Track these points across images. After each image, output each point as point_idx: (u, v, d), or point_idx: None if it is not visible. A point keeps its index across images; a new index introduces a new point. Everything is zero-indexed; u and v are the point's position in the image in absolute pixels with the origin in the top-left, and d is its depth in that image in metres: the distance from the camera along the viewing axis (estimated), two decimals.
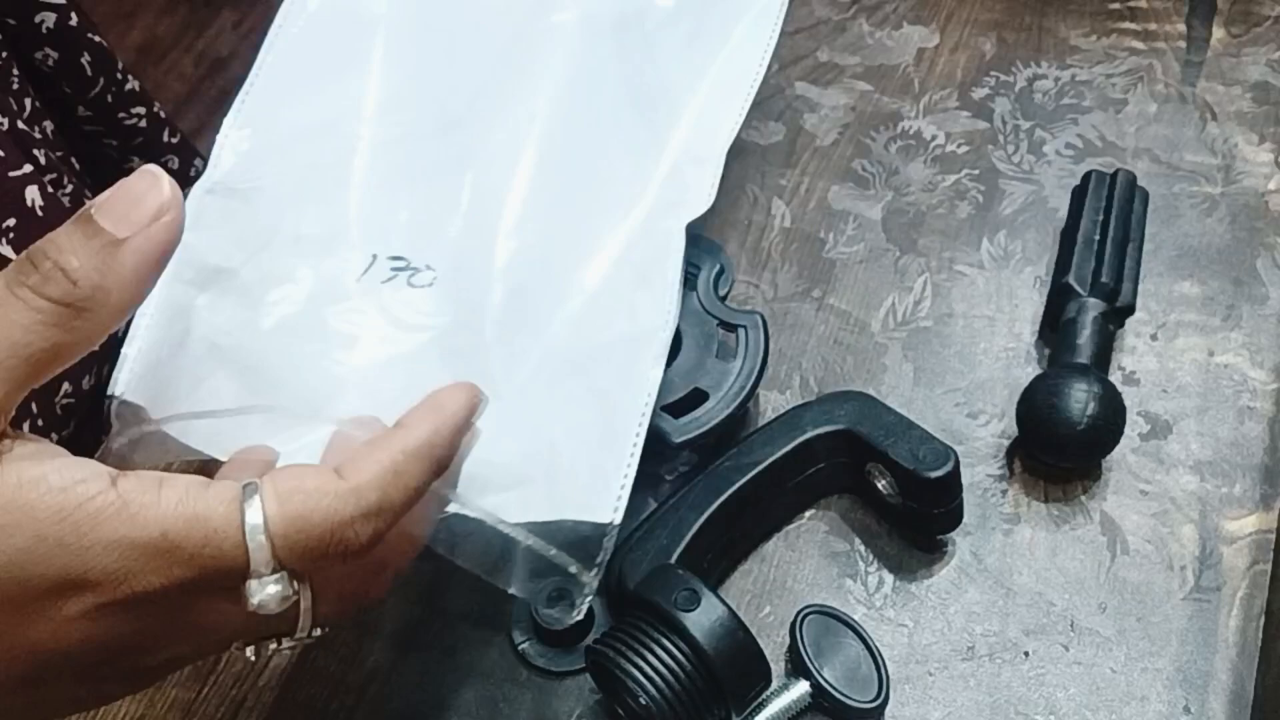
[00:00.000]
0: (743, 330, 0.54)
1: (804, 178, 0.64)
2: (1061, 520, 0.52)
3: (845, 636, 0.48)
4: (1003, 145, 0.64)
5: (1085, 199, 0.58)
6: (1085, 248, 0.56)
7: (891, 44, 0.69)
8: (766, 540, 0.52)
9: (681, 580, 0.45)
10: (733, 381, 0.52)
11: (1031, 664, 0.49)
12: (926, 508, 0.49)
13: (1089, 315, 0.54)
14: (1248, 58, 0.67)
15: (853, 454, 0.51)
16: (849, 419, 0.51)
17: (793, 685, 0.47)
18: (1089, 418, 0.50)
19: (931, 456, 0.48)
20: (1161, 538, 0.52)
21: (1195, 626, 0.49)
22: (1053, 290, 0.57)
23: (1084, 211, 0.58)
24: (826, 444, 0.51)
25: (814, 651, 0.47)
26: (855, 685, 0.47)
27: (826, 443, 0.51)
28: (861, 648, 0.48)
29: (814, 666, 0.47)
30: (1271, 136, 0.64)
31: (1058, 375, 0.52)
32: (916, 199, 0.63)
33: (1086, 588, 0.50)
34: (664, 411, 0.52)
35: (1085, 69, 0.67)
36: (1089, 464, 0.53)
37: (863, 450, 0.50)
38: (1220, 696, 0.48)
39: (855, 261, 0.61)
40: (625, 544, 0.49)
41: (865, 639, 0.48)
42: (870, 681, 0.47)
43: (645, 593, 0.45)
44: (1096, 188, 0.58)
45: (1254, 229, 0.60)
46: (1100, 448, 0.52)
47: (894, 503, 0.50)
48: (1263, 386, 0.55)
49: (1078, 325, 0.54)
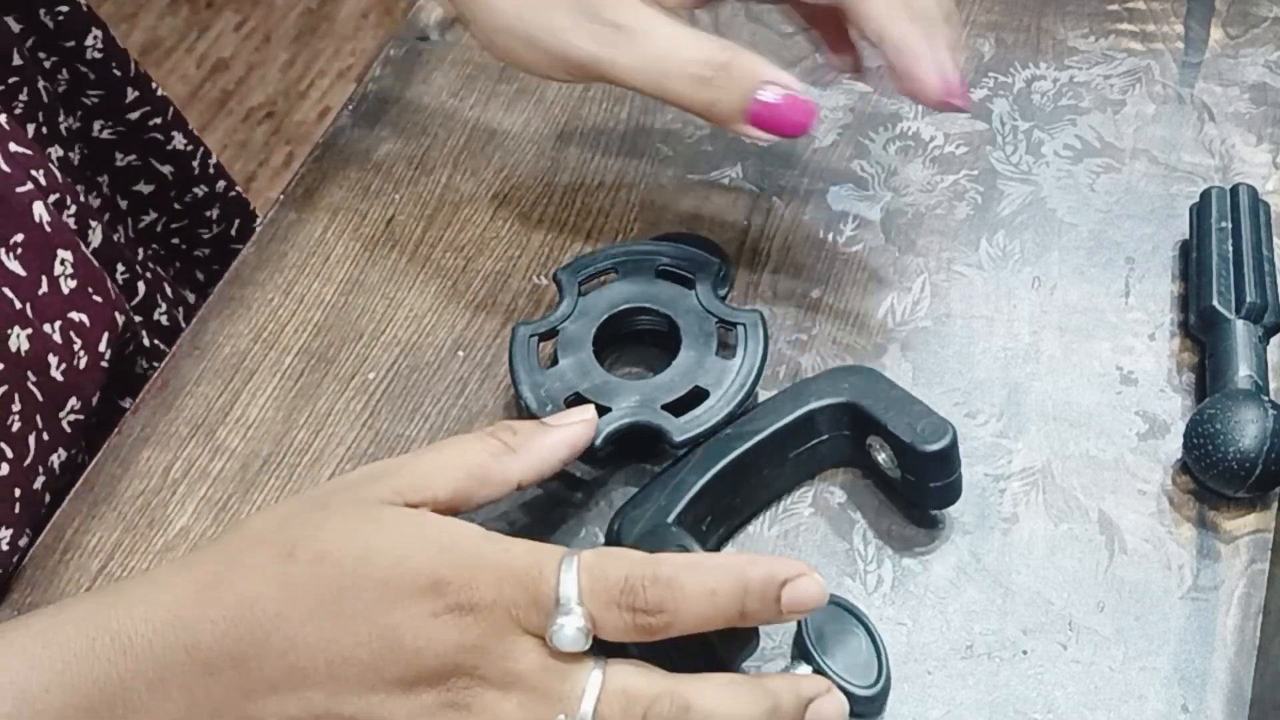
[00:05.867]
0: (742, 328, 0.54)
1: (803, 178, 0.64)
2: (1060, 519, 0.52)
3: (849, 624, 0.48)
4: (1001, 146, 0.65)
5: (1209, 217, 0.57)
6: (1223, 266, 0.55)
7: None
8: (766, 509, 0.53)
9: (675, 537, 0.46)
10: (733, 379, 0.53)
11: (1030, 663, 0.49)
12: (924, 481, 0.50)
13: (1251, 338, 0.53)
14: (1245, 59, 0.67)
15: (855, 427, 0.52)
16: (852, 392, 0.51)
17: (794, 669, 0.47)
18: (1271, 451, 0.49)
19: (930, 430, 0.49)
20: (1160, 537, 0.52)
21: (1193, 625, 0.49)
22: (1196, 315, 0.55)
23: (1210, 231, 0.56)
24: (829, 416, 0.52)
25: (817, 637, 0.48)
26: (856, 672, 0.47)
27: (829, 415, 0.52)
28: (865, 637, 0.48)
29: (816, 652, 0.47)
30: (1269, 137, 0.64)
31: (1233, 404, 0.50)
32: (915, 199, 0.63)
33: (1085, 587, 0.51)
34: (664, 410, 0.52)
35: (1083, 70, 0.67)
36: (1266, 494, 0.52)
37: (865, 423, 0.51)
38: (1218, 695, 0.48)
39: (854, 262, 0.61)
40: (626, 502, 0.50)
41: (869, 628, 0.48)
42: (871, 669, 0.48)
43: (641, 549, 0.46)
44: (1219, 204, 0.57)
45: None
46: None
47: (893, 476, 0.51)
48: None
49: (1236, 349, 0.52)
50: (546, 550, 0.42)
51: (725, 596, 0.41)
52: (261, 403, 0.58)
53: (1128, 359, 0.57)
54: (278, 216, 0.64)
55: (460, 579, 0.41)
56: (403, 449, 0.56)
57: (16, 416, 0.54)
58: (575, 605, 0.40)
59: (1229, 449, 0.50)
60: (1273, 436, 0.50)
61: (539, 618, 0.41)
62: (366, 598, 0.41)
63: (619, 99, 0.68)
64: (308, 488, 0.55)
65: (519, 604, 0.41)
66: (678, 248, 0.57)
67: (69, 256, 0.58)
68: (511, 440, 0.46)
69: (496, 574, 0.41)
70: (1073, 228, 0.61)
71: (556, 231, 0.63)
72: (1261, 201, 0.58)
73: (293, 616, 0.41)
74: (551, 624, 0.40)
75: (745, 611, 0.41)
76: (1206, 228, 0.57)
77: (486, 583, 0.41)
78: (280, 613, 0.41)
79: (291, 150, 1.85)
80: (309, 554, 0.42)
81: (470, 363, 0.59)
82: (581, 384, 0.53)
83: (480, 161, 0.66)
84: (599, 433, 0.51)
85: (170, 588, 0.42)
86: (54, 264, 0.58)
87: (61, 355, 0.56)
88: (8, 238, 0.56)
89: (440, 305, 0.61)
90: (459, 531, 0.43)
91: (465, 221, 0.64)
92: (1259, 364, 0.53)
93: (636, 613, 0.41)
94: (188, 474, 0.56)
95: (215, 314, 0.61)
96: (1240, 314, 0.54)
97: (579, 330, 0.55)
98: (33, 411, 0.55)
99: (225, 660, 0.41)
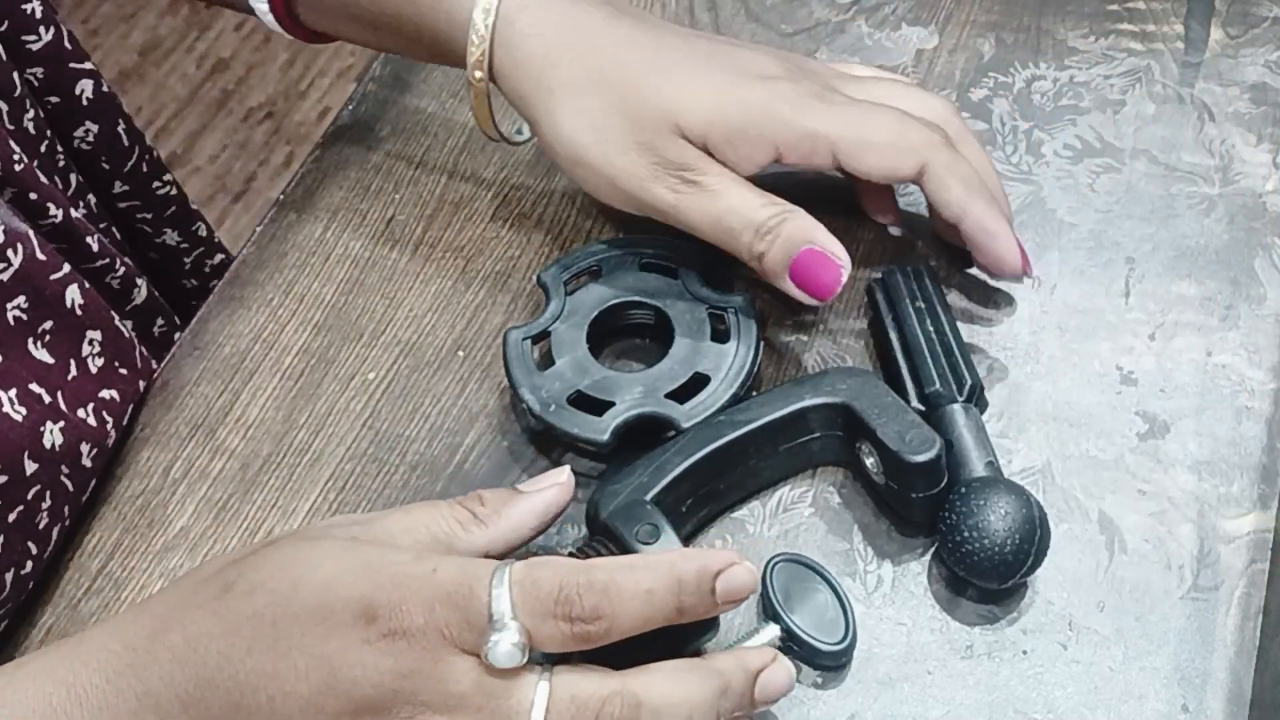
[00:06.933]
0: (733, 311, 0.55)
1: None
2: (1059, 519, 0.52)
3: (814, 583, 0.49)
4: (1001, 146, 0.65)
5: (902, 300, 0.55)
6: (932, 349, 0.54)
7: (890, 45, 0.69)
8: (749, 500, 0.53)
9: (647, 515, 0.47)
10: (732, 362, 0.53)
11: (1030, 663, 0.49)
12: (907, 491, 0.50)
13: (974, 422, 0.52)
14: (1245, 59, 0.67)
15: (847, 429, 0.52)
16: (847, 394, 0.52)
17: (762, 629, 0.48)
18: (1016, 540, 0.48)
19: (918, 441, 0.49)
20: (1159, 537, 0.52)
21: (1193, 625, 0.49)
22: (917, 398, 0.53)
23: (908, 313, 0.55)
24: (823, 415, 0.52)
25: (783, 597, 0.49)
26: (823, 628, 0.48)
27: (823, 414, 0.52)
28: (830, 593, 0.49)
29: (783, 611, 0.48)
30: (1269, 137, 0.64)
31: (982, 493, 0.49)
32: (916, 199, 0.63)
33: (1085, 587, 0.51)
34: (668, 399, 0.52)
35: (1083, 70, 0.67)
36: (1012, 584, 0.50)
37: (855, 426, 0.51)
38: (1218, 695, 0.48)
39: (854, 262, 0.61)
40: (608, 476, 0.50)
41: (834, 585, 0.49)
42: (838, 625, 0.48)
43: (612, 521, 0.47)
44: (907, 285, 0.56)
45: (1252, 229, 0.61)
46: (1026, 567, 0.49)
47: (879, 482, 0.51)
48: (1261, 386, 0.56)
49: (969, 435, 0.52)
50: (476, 566, 0.42)
51: (661, 595, 0.41)
52: (261, 403, 0.58)
53: (1128, 359, 0.57)
54: (278, 216, 0.64)
55: (390, 602, 0.40)
56: (403, 449, 0.56)
57: (45, 513, 0.53)
58: (509, 621, 0.40)
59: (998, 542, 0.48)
60: (1041, 522, 0.49)
61: (473, 636, 0.40)
62: (300, 628, 0.41)
63: None
64: (307, 488, 0.55)
65: (451, 624, 0.40)
66: (658, 239, 0.58)
67: (98, 335, 0.57)
68: (480, 511, 0.46)
69: (426, 595, 0.40)
70: (1073, 228, 0.61)
71: (556, 231, 0.63)
72: (929, 269, 0.57)
73: (234, 654, 0.41)
74: (486, 642, 0.40)
75: (682, 607, 0.41)
76: (904, 310, 0.55)
77: (416, 605, 0.40)
78: (223, 650, 0.41)
79: (291, 150, 1.85)
80: (246, 585, 0.42)
81: (470, 363, 0.59)
82: (581, 382, 0.53)
83: (480, 161, 0.66)
84: (606, 428, 0.51)
85: (123, 634, 0.43)
86: (83, 345, 0.56)
87: (93, 439, 0.55)
88: (37, 327, 0.55)
89: (440, 305, 0.61)
90: (388, 555, 0.42)
91: (465, 221, 0.64)
92: (989, 445, 0.52)
93: (574, 622, 0.40)
94: (188, 474, 0.56)
95: (215, 314, 0.61)
96: (963, 397, 0.52)
97: (571, 329, 0.55)
98: (62, 504, 0.53)
99: (175, 704, 0.41)
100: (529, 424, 0.56)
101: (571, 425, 0.52)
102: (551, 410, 0.52)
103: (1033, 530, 0.48)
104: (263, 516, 0.54)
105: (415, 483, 0.55)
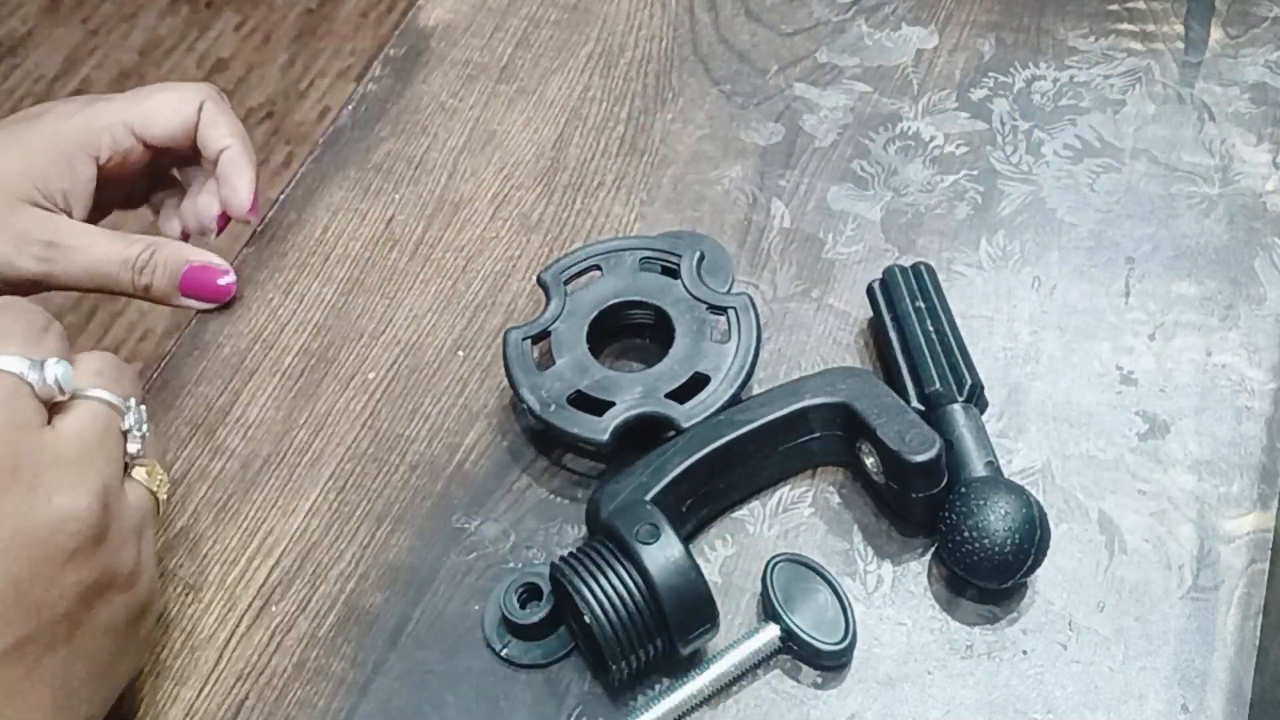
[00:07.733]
0: (733, 311, 0.55)
1: (803, 178, 0.64)
2: (1060, 519, 0.52)
3: (814, 583, 0.49)
4: (1001, 146, 0.65)
5: (903, 299, 0.55)
6: (933, 349, 0.54)
7: (890, 45, 0.69)
8: (749, 500, 0.53)
9: (648, 515, 0.47)
10: (731, 361, 0.53)
11: (1030, 662, 0.49)
12: (906, 491, 0.50)
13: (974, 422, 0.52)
14: (1245, 58, 0.67)
15: (847, 428, 0.52)
16: (848, 393, 0.52)
17: (763, 629, 0.48)
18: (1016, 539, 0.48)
19: (917, 441, 0.49)
20: (1159, 537, 0.52)
21: (1193, 625, 0.49)
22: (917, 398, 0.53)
23: (909, 312, 0.55)
24: (823, 414, 0.52)
25: (783, 597, 0.49)
26: (823, 629, 0.48)
27: (823, 413, 0.52)
28: (830, 593, 0.49)
29: (783, 611, 0.48)
30: (1269, 137, 0.64)
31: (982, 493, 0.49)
32: (915, 199, 0.63)
33: (1085, 587, 0.51)
34: (668, 399, 0.52)
35: (1083, 70, 0.67)
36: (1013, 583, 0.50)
37: (856, 426, 0.51)
38: (1218, 695, 0.48)
39: (854, 262, 0.61)
40: (610, 475, 0.50)
41: (834, 585, 0.49)
42: (838, 625, 0.48)
43: (613, 521, 0.47)
44: (906, 283, 0.56)
45: (1251, 229, 0.61)
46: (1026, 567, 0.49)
47: (879, 482, 0.51)
48: (1260, 386, 0.56)
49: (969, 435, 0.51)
50: None
51: None
52: (261, 403, 0.58)
53: (1128, 359, 0.57)
54: (278, 216, 0.64)
55: None
56: (403, 449, 0.56)
57: None
58: None
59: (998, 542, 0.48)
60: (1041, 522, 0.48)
61: None
62: None
63: (619, 99, 0.68)
64: (307, 488, 0.55)
65: None
66: (657, 239, 0.58)
67: None
68: None
69: None
70: (1073, 228, 0.61)
71: (556, 231, 0.63)
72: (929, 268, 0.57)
73: None
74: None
75: None
76: (904, 310, 0.55)
77: None
78: None
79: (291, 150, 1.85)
80: None
81: (470, 363, 0.59)
82: (581, 381, 0.53)
83: (480, 161, 0.66)
84: (606, 427, 0.51)
85: None
86: None
87: None
88: None
89: (440, 305, 0.61)
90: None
91: (465, 221, 0.64)
92: (989, 445, 0.51)
93: None
94: (188, 474, 0.56)
95: (215, 313, 0.61)
96: (963, 397, 0.52)
97: (571, 329, 0.55)
98: None
99: None
100: (529, 424, 0.56)
101: (571, 425, 0.52)
102: (551, 410, 0.52)
103: (1033, 530, 0.48)
104: (263, 516, 0.54)
105: (415, 482, 0.55)
